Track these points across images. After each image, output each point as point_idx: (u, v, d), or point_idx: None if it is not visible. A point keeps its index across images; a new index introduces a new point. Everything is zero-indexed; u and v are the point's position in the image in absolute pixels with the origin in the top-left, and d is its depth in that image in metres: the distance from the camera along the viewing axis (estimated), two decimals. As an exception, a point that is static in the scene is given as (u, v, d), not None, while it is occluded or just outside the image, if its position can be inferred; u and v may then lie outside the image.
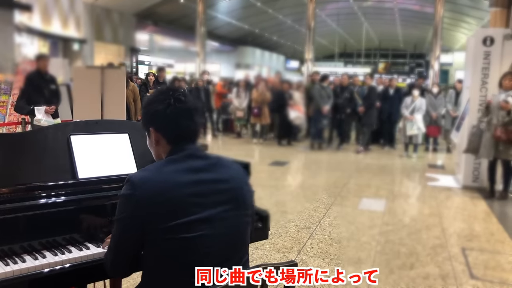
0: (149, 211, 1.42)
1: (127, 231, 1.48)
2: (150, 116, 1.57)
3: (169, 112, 1.52)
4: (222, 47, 24.76)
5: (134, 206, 1.43)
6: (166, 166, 1.51)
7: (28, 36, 11.61)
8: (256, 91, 10.50)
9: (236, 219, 1.52)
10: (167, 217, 1.41)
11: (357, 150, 9.67)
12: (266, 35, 27.46)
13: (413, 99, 8.94)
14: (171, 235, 1.41)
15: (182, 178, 1.46)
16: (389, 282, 3.31)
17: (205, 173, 1.51)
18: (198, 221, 1.44)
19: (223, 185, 1.52)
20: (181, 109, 1.53)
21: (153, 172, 1.48)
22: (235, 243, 1.52)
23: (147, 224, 1.42)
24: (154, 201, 1.42)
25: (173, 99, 1.53)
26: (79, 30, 14.15)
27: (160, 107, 1.53)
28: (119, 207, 1.48)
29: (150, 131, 1.58)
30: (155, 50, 18.87)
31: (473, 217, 5.17)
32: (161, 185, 1.44)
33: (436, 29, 16.28)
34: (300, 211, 5.09)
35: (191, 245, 1.43)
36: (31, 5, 11.37)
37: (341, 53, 30.57)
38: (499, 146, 5.61)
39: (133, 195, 1.44)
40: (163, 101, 1.53)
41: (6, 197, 1.70)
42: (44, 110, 5.33)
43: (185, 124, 1.54)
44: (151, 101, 1.57)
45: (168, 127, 1.54)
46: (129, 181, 1.47)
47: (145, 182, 1.45)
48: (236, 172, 1.60)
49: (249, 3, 21.61)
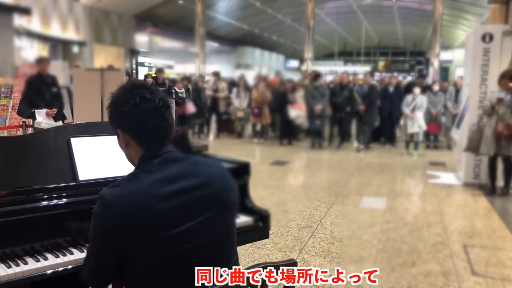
0: (126, 229, 1.32)
1: (103, 250, 1.39)
2: (116, 117, 1.45)
3: (135, 112, 1.40)
4: (222, 48, 24.76)
5: (109, 225, 1.34)
6: (140, 178, 1.39)
7: (28, 39, 11.62)
8: (256, 91, 10.51)
9: (220, 224, 1.45)
10: (146, 235, 1.32)
11: (358, 148, 9.67)
12: (266, 35, 27.46)
13: (414, 97, 8.94)
14: (152, 252, 1.33)
15: (159, 191, 1.35)
16: (390, 280, 3.32)
17: (182, 181, 1.39)
18: (181, 235, 1.35)
19: (204, 190, 1.42)
20: (148, 109, 1.40)
21: (127, 187, 1.36)
22: (221, 248, 1.46)
23: (125, 243, 1.33)
24: (131, 219, 1.31)
25: (138, 98, 1.40)
26: (78, 33, 14.17)
27: (125, 108, 1.41)
28: (92, 225, 1.38)
29: (118, 132, 1.47)
30: (154, 51, 18.87)
31: (474, 214, 5.17)
32: (136, 201, 1.32)
33: (436, 27, 16.28)
34: (301, 210, 5.10)
35: (175, 260, 1.35)
36: (30, 8, 11.39)
37: (340, 51, 30.56)
38: (500, 142, 5.61)
39: (106, 214, 1.34)
40: (128, 101, 1.41)
41: (8, 200, 1.71)
42: (45, 112, 5.34)
43: (154, 124, 1.42)
44: (116, 101, 1.45)
45: (136, 128, 1.43)
46: (101, 198, 1.36)
47: (119, 199, 1.33)
48: (217, 171, 1.51)
49: (248, 3, 21.61)
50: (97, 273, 1.45)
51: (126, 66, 14.14)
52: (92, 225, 1.39)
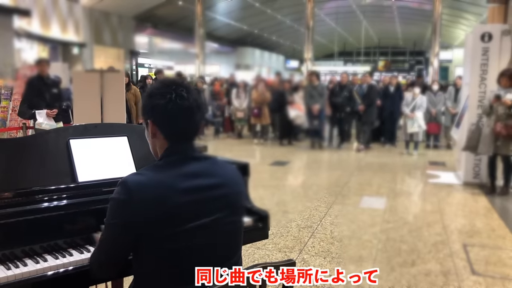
0: (145, 219, 1.35)
1: (118, 237, 1.41)
2: (150, 108, 1.49)
3: (170, 108, 1.44)
4: (222, 48, 24.78)
5: (129, 212, 1.36)
6: (162, 170, 1.43)
7: (28, 41, 11.64)
8: (255, 91, 10.52)
9: (230, 226, 1.49)
10: (164, 225, 1.36)
11: (358, 148, 9.68)
12: (265, 35, 27.49)
13: (414, 96, 8.95)
14: (167, 243, 1.37)
15: (180, 185, 1.39)
16: (390, 279, 3.32)
17: (202, 179, 1.44)
18: (195, 229, 1.39)
19: (219, 191, 1.47)
20: (182, 106, 1.44)
21: (149, 177, 1.40)
22: (229, 249, 1.50)
23: (142, 232, 1.36)
24: (151, 207, 1.35)
25: (174, 95, 1.44)
26: (78, 34, 14.18)
27: (161, 101, 1.44)
28: (110, 211, 1.40)
29: (148, 122, 1.51)
30: (154, 52, 18.89)
31: (474, 213, 5.17)
32: (158, 191, 1.37)
33: (435, 26, 16.30)
34: (301, 210, 5.10)
35: (186, 254, 1.38)
36: (30, 10, 11.40)
37: (340, 51, 30.58)
38: (498, 142, 5.62)
39: (128, 201, 1.36)
40: (164, 95, 1.45)
41: (7, 202, 1.71)
42: (46, 113, 5.35)
43: (185, 122, 1.47)
44: (152, 93, 1.49)
45: (167, 123, 1.47)
46: (124, 184, 1.38)
47: (141, 187, 1.37)
48: (232, 175, 1.56)
49: (248, 4, 21.63)
50: (109, 262, 1.47)
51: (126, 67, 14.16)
52: (109, 211, 1.41)
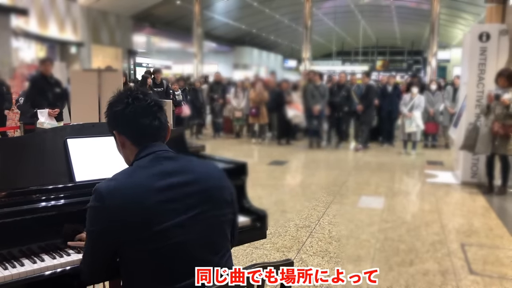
0: (121, 222, 1.37)
1: (98, 243, 1.44)
2: (112, 118, 1.53)
3: (128, 111, 1.48)
4: (220, 48, 24.78)
5: (104, 219, 1.39)
6: (134, 172, 1.45)
7: (25, 40, 11.61)
8: (253, 91, 10.51)
9: (210, 221, 1.48)
10: (141, 227, 1.37)
11: (356, 148, 9.69)
12: (263, 35, 27.50)
13: (412, 96, 8.96)
14: (147, 244, 1.37)
15: (152, 185, 1.41)
16: (388, 279, 3.32)
17: (176, 177, 1.45)
18: (172, 228, 1.39)
19: (195, 186, 1.47)
20: (140, 107, 1.49)
21: (121, 181, 1.42)
22: (212, 245, 1.48)
23: (121, 236, 1.38)
24: (125, 211, 1.37)
25: (131, 98, 1.49)
26: (76, 34, 14.16)
27: (119, 107, 1.50)
28: (88, 219, 1.43)
29: (115, 134, 1.54)
30: (152, 52, 18.86)
31: (472, 213, 5.18)
32: (131, 194, 1.38)
33: (433, 26, 16.32)
34: (299, 210, 5.10)
35: (167, 253, 1.39)
36: (27, 9, 11.37)
37: (338, 51, 30.64)
38: (496, 141, 5.62)
39: (101, 207, 1.39)
40: (121, 101, 1.50)
41: (4, 201, 1.71)
42: (47, 113, 5.33)
43: (147, 122, 1.50)
44: (111, 103, 1.54)
45: (130, 127, 1.50)
46: (96, 192, 1.41)
47: (113, 192, 1.39)
48: (211, 170, 1.56)
49: (246, 3, 21.63)
50: (95, 267, 1.50)
51: (124, 66, 14.14)
52: (87, 220, 1.43)
